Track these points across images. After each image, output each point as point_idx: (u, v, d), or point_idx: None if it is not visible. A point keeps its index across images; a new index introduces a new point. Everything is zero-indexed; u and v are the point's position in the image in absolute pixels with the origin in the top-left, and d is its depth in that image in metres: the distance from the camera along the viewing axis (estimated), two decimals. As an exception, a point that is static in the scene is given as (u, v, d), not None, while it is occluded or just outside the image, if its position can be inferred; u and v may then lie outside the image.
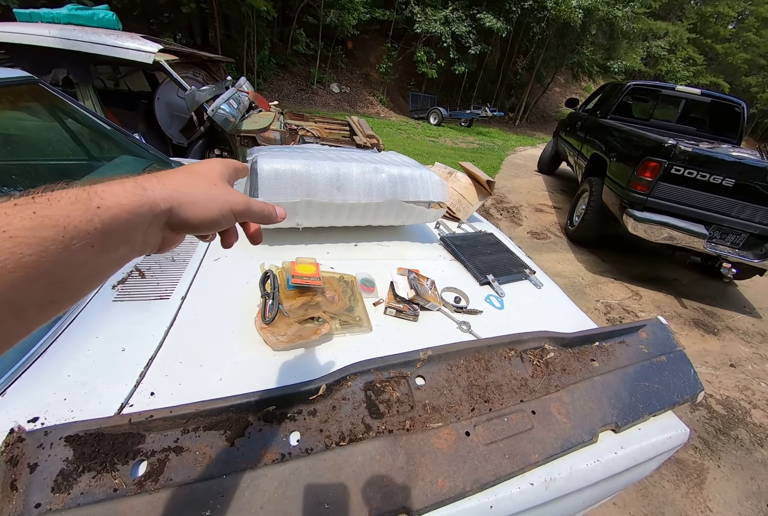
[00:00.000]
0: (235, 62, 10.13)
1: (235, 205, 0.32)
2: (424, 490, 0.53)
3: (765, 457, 1.88)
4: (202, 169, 0.33)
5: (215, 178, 0.32)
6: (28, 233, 0.19)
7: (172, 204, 0.27)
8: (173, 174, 0.30)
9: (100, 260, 0.23)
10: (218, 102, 2.92)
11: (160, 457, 0.53)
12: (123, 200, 0.23)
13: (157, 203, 0.26)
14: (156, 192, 0.26)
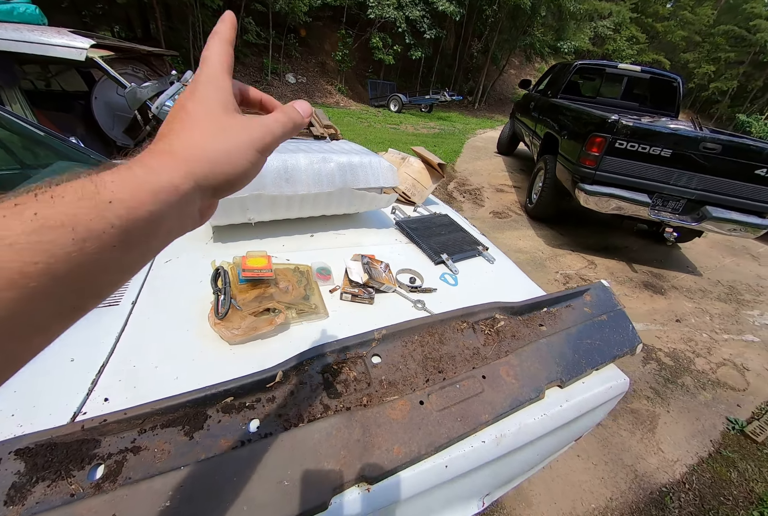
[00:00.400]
0: (182, 55, 9.55)
1: (258, 144, 0.26)
2: (380, 458, 0.57)
3: (707, 398, 2.09)
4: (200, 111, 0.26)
5: (221, 118, 0.26)
6: (31, 238, 0.16)
7: (195, 179, 0.23)
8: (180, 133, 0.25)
9: (126, 258, 0.20)
10: (162, 98, 2.76)
11: (117, 458, 0.53)
12: (136, 191, 0.20)
13: (175, 185, 0.22)
14: (171, 171, 0.22)
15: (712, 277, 3.49)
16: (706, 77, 21.74)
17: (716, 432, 1.91)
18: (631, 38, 20.45)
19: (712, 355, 2.45)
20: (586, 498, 1.52)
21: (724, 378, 2.27)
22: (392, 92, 12.18)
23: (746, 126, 17.89)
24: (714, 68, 21.50)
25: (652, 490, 1.59)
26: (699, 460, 1.75)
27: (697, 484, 1.65)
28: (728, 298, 3.17)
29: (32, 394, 0.64)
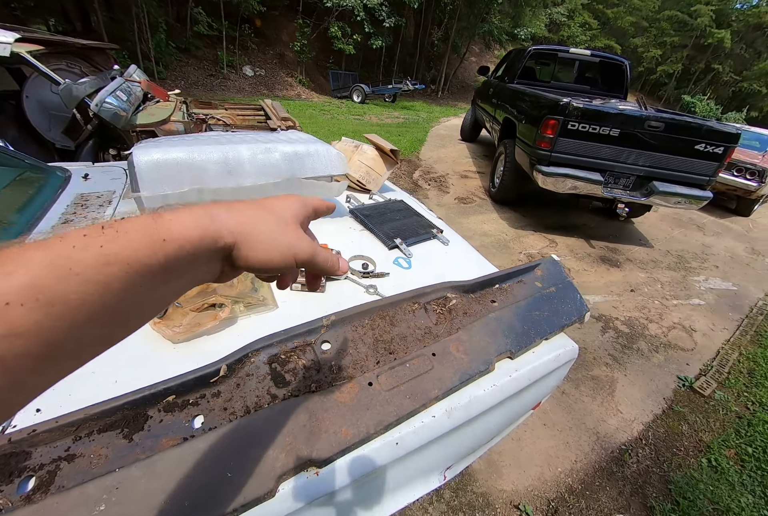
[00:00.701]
0: (127, 49, 8.94)
1: (300, 253, 0.29)
2: (328, 441, 0.57)
3: (660, 360, 2.26)
4: (276, 205, 0.30)
5: (288, 219, 0.30)
6: (94, 271, 0.18)
7: (237, 238, 0.25)
8: (244, 206, 0.28)
9: (158, 292, 0.22)
10: (102, 95, 2.59)
11: (50, 468, 0.51)
12: (190, 231, 0.22)
13: (222, 235, 0.24)
14: (223, 223, 0.25)
15: (662, 248, 3.73)
16: (653, 61, 22.84)
17: (669, 390, 2.07)
18: (584, 24, 21.11)
19: (663, 320, 2.63)
20: (553, 463, 1.62)
21: (675, 340, 2.45)
22: (355, 83, 11.98)
23: (691, 106, 19.01)
24: (660, 52, 22.60)
25: (612, 449, 1.71)
26: (654, 417, 1.90)
27: (653, 439, 1.78)
28: (677, 267, 3.41)
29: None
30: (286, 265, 0.29)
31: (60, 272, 0.17)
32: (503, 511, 1.43)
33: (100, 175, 1.47)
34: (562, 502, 1.48)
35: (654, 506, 1.49)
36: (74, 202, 1.22)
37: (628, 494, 1.53)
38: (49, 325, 0.16)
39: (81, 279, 0.17)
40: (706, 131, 2.85)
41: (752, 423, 1.90)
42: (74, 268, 0.17)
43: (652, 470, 1.64)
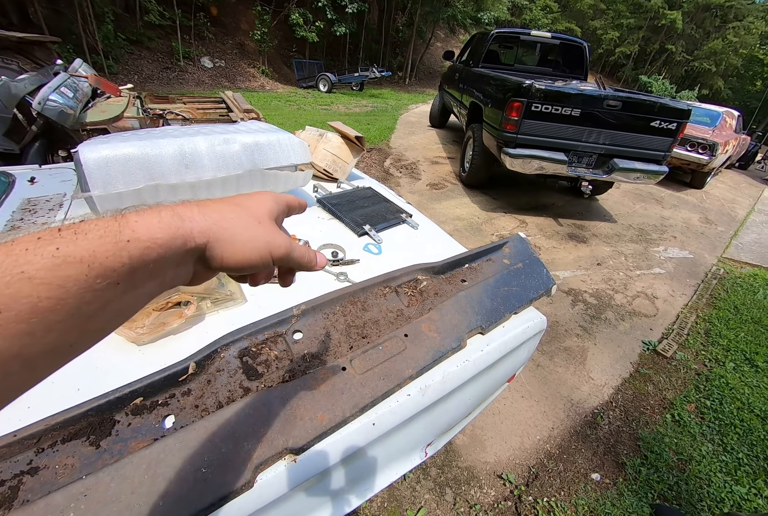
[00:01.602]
0: (71, 42, 8.28)
1: (276, 249, 0.28)
2: (304, 427, 0.58)
3: (626, 328, 2.40)
4: (249, 203, 0.29)
5: (262, 216, 0.29)
6: (49, 273, 0.17)
7: (209, 238, 0.24)
8: (216, 205, 0.27)
9: (125, 298, 0.20)
10: (45, 92, 2.40)
11: (11, 484, 0.49)
12: (156, 232, 0.21)
13: (192, 236, 0.23)
14: (194, 223, 0.24)
15: (625, 223, 3.92)
16: (612, 43, 23.45)
17: (635, 355, 2.21)
18: (545, 8, 21.34)
19: (628, 290, 2.79)
20: (532, 432, 1.70)
21: (639, 308, 2.61)
22: (320, 72, 11.65)
23: (648, 86, 19.74)
24: (618, 34, 23.21)
25: (585, 413, 1.82)
26: (622, 381, 2.02)
27: (622, 401, 1.91)
28: (638, 239, 3.60)
29: None
30: (263, 264, 0.28)
31: (7, 276, 0.16)
32: (487, 481, 1.51)
33: (48, 177, 1.38)
34: (542, 468, 1.57)
35: (625, 462, 1.60)
36: (21, 208, 1.15)
37: (601, 454, 1.64)
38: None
39: (33, 283, 0.16)
40: (660, 108, 2.97)
41: (709, 378, 2.07)
42: (26, 271, 0.16)
43: (622, 430, 1.76)
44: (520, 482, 1.51)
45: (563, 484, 1.52)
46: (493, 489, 1.49)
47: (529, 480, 1.53)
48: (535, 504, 1.43)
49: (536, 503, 1.43)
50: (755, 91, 25.56)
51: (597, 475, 1.56)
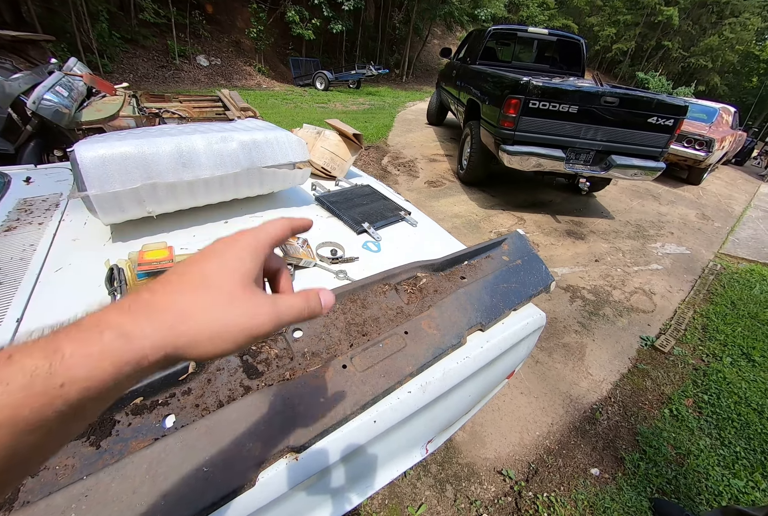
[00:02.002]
0: (66, 41, 8.20)
1: (257, 331, 0.23)
2: (305, 426, 0.58)
3: (624, 323, 2.41)
4: (214, 274, 0.23)
5: (233, 289, 0.23)
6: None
7: (167, 351, 0.21)
8: (171, 296, 0.22)
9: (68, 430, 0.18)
10: (39, 91, 2.37)
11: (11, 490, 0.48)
12: (97, 365, 0.18)
13: (145, 356, 0.20)
14: (146, 340, 0.20)
15: (623, 219, 3.94)
16: (608, 39, 23.41)
17: (633, 350, 2.22)
18: (542, 4, 21.26)
19: (625, 286, 2.80)
20: (531, 428, 1.71)
21: (637, 304, 2.62)
22: (317, 70, 11.59)
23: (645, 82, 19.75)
24: (615, 30, 23.16)
25: (584, 409, 1.83)
26: (621, 376, 2.04)
27: (620, 396, 1.92)
28: (636, 235, 3.61)
29: None
30: (240, 349, 0.24)
31: None
32: (487, 477, 1.51)
33: (44, 177, 1.37)
34: (541, 463, 1.58)
35: (624, 457, 1.61)
36: (17, 208, 1.14)
37: (600, 449, 1.65)
38: None
39: None
40: (657, 105, 2.98)
41: (707, 373, 2.08)
42: None
43: (621, 425, 1.77)
44: (519, 478, 1.52)
45: (563, 479, 1.53)
46: (494, 485, 1.49)
47: (528, 475, 1.54)
48: (535, 499, 1.44)
49: (536, 499, 1.44)
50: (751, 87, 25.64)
51: (596, 470, 1.57)
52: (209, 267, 0.24)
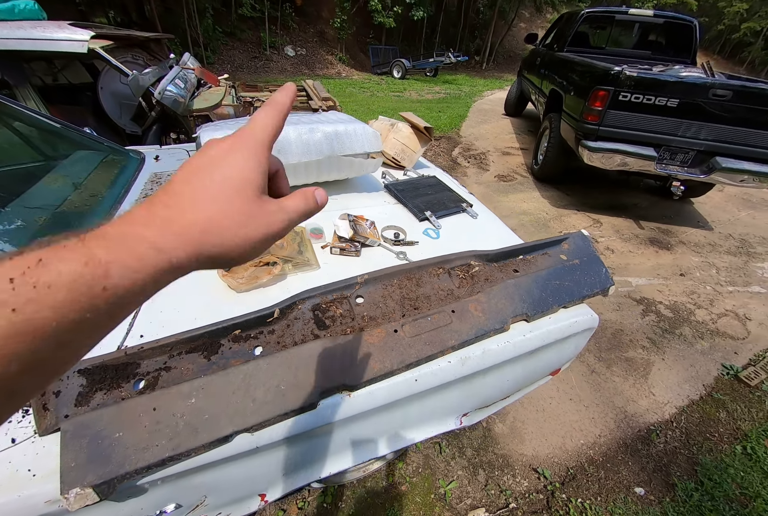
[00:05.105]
0: (179, 36, 9.39)
1: (275, 235, 0.25)
2: (359, 371, 0.70)
3: (704, 347, 2.16)
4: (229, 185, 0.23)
5: (250, 202, 0.24)
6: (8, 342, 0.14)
7: (198, 258, 0.22)
8: (191, 211, 0.22)
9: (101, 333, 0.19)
10: (164, 84, 2.83)
11: (153, 375, 0.68)
12: (134, 274, 0.18)
13: (177, 266, 0.21)
14: (176, 252, 0.21)
15: (724, 231, 3.42)
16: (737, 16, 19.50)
17: (710, 377, 2.00)
18: (654, -23, 18.45)
19: (714, 306, 2.48)
20: (576, 435, 1.67)
21: (724, 328, 2.32)
22: (395, 58, 11.66)
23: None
24: (747, 6, 19.17)
25: (640, 428, 1.72)
26: (689, 403, 1.86)
27: (685, 423, 1.76)
28: (738, 252, 3.13)
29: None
30: (261, 252, 0.26)
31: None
32: (521, 472, 1.53)
33: (168, 156, 1.67)
34: (581, 471, 1.55)
35: (676, 484, 1.50)
36: (150, 180, 1.43)
37: (650, 470, 1.56)
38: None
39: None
40: (786, 99, 2.52)
41: (802, 415, 1.81)
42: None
43: (679, 451, 1.64)
44: (555, 479, 1.51)
45: (602, 490, 1.49)
46: (527, 480, 1.51)
47: (565, 479, 1.52)
48: (568, 502, 1.43)
49: (569, 501, 1.43)
50: None
51: (641, 490, 1.50)
52: (218, 179, 0.23)
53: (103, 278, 0.17)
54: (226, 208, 0.23)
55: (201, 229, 0.22)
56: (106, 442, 0.55)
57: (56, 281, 0.16)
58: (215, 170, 0.23)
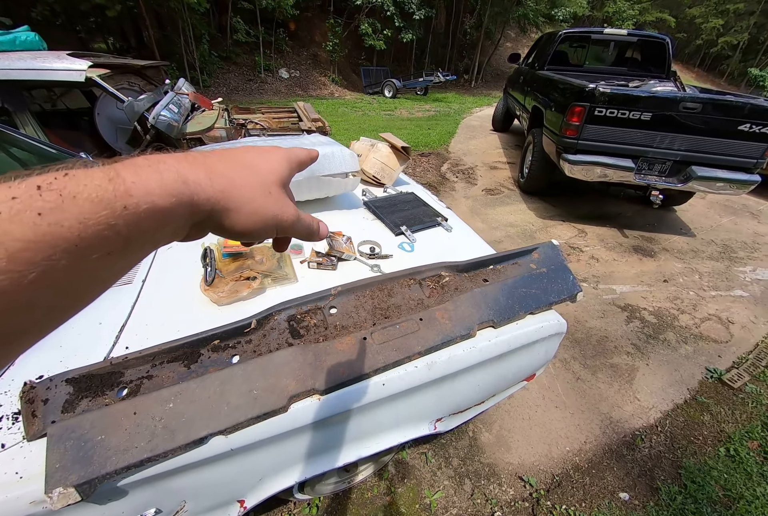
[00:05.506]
0: (176, 61, 9.76)
1: (283, 221, 0.27)
2: (329, 376, 0.75)
3: (688, 351, 2.20)
4: (261, 166, 0.27)
5: (272, 184, 0.27)
6: (30, 246, 0.14)
7: (213, 207, 0.23)
8: (225, 167, 0.25)
9: (117, 265, 0.19)
10: (158, 109, 2.96)
11: (136, 383, 0.73)
12: (158, 199, 0.19)
13: (197, 204, 0.21)
14: (200, 189, 0.21)
15: (706, 238, 3.51)
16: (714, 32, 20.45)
17: (694, 381, 2.03)
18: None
19: (697, 311, 2.54)
20: (562, 442, 1.69)
21: (707, 332, 2.37)
22: (386, 78, 12.08)
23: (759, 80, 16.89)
24: (722, 22, 20.18)
25: (625, 433, 1.74)
26: (674, 407, 1.89)
27: (670, 427, 1.79)
28: (720, 257, 3.21)
29: (73, 348, 0.85)
30: (266, 235, 0.27)
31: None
32: (508, 480, 1.55)
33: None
34: (567, 478, 1.56)
35: (660, 488, 1.52)
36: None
37: (635, 475, 1.58)
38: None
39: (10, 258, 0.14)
40: (750, 110, 2.66)
41: (784, 416, 1.84)
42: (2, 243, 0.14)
43: (664, 456, 1.66)
44: (540, 487, 1.53)
45: (586, 496, 1.50)
46: (513, 489, 1.53)
47: (550, 487, 1.54)
48: (553, 509, 1.45)
49: (554, 509, 1.45)
50: None
51: (626, 495, 1.51)
52: (256, 161, 0.27)
53: (124, 196, 0.17)
54: (252, 179, 0.25)
55: (227, 182, 0.23)
56: (89, 445, 0.60)
57: (81, 192, 0.16)
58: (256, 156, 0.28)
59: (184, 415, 0.68)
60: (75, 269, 0.16)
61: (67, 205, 0.15)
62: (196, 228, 0.24)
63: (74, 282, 0.17)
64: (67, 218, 0.15)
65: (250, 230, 0.26)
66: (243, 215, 0.25)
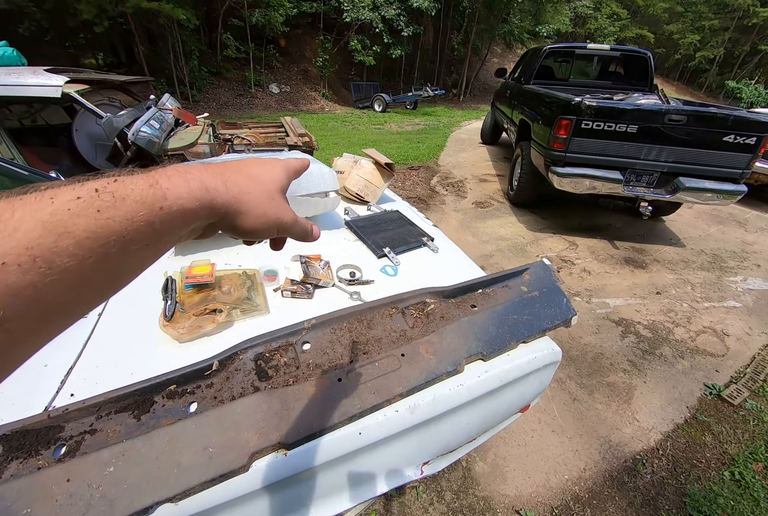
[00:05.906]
0: (166, 76, 9.79)
1: (284, 223, 0.32)
2: (296, 427, 0.66)
3: (685, 366, 2.15)
4: (265, 176, 0.32)
5: (275, 192, 0.32)
6: (92, 235, 0.18)
7: (228, 210, 0.27)
8: (236, 178, 0.29)
9: (148, 255, 0.22)
10: (138, 125, 2.89)
11: (77, 439, 0.64)
12: (186, 202, 0.23)
13: (215, 207, 0.26)
14: (218, 195, 0.26)
15: (696, 247, 3.52)
16: (691, 47, 21.35)
17: (693, 398, 1.97)
18: (612, 15, 20.25)
19: (691, 323, 2.50)
20: (560, 470, 1.60)
21: (703, 345, 2.32)
22: (376, 93, 12.27)
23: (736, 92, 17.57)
24: (699, 37, 21.10)
25: (625, 458, 1.66)
26: (674, 427, 1.81)
27: (671, 449, 1.71)
28: (711, 267, 3.20)
29: (11, 395, 0.75)
30: (268, 233, 0.32)
31: (56, 236, 0.17)
32: (504, 515, 1.45)
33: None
34: (566, 510, 1.47)
35: (667, 518, 1.44)
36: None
37: (638, 505, 1.49)
38: (45, 288, 0.17)
39: (77, 244, 0.17)
40: (734, 122, 2.69)
41: (788, 435, 1.77)
42: (71, 233, 0.17)
43: (667, 482, 1.58)
44: (540, 522, 1.43)
45: (589, 531, 1.41)
46: (510, 524, 1.42)
47: (550, 521, 1.44)
48: (554, 547, 1.35)
49: (555, 546, 1.35)
50: None
51: (631, 528, 1.42)
52: (259, 173, 0.32)
53: (161, 199, 0.21)
54: (258, 187, 0.30)
55: (239, 189, 0.28)
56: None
57: (129, 195, 0.20)
58: (258, 168, 0.32)
59: (127, 480, 0.59)
60: (122, 256, 0.20)
61: (119, 204, 0.19)
62: (210, 228, 0.29)
63: (119, 266, 0.20)
64: (118, 215, 0.19)
65: (256, 230, 0.30)
66: (251, 217, 0.29)
